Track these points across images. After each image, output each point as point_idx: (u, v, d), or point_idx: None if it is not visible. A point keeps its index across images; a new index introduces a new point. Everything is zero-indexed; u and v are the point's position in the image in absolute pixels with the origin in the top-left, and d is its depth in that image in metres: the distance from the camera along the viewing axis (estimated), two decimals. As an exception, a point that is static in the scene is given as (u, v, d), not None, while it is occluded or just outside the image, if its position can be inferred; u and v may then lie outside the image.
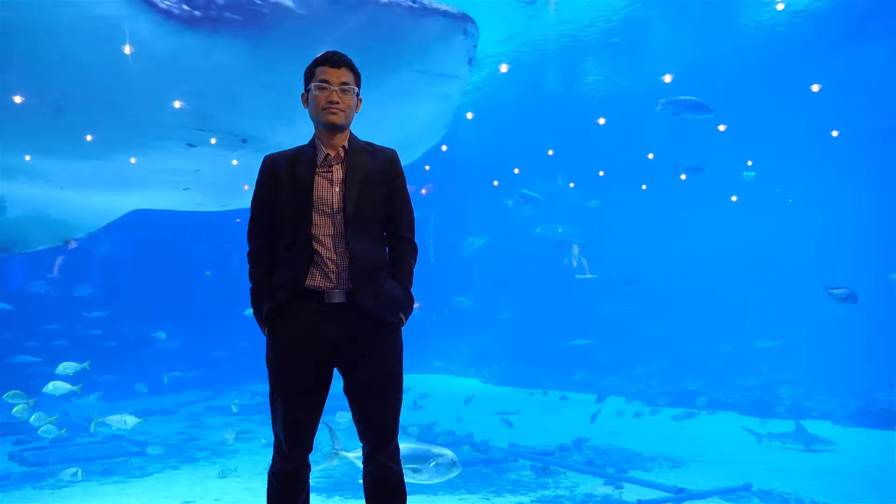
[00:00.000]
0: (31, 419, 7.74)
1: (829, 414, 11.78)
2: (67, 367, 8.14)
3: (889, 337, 14.98)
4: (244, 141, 5.73)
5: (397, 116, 6.47)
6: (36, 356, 11.73)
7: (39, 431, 7.90)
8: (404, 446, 5.10)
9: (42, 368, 10.59)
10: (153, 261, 17.63)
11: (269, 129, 5.74)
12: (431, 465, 4.95)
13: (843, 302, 8.69)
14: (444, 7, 5.93)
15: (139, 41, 4.88)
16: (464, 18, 6.02)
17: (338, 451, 5.31)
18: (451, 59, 6.20)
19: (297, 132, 5.49)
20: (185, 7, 4.91)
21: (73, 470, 7.31)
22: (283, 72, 5.34)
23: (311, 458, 3.00)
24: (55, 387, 8.01)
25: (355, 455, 5.20)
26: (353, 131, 2.98)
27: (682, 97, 10.31)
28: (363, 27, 5.47)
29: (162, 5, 4.84)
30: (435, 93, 6.55)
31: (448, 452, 5.03)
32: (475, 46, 6.28)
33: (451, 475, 5.01)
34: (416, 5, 5.74)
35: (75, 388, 8.05)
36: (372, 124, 5.60)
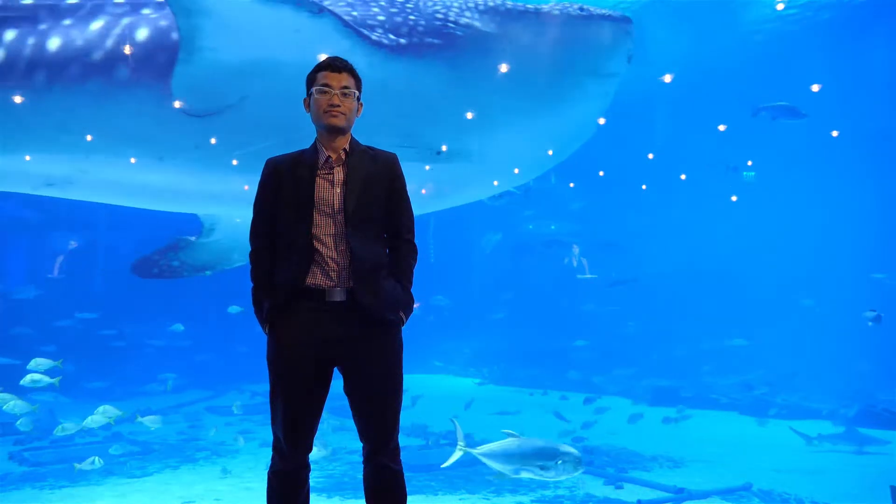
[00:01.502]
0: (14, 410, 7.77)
1: (830, 414, 11.78)
2: (40, 363, 8.08)
3: (890, 337, 14.99)
4: (438, 153, 6.22)
5: (568, 117, 6.90)
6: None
7: (17, 424, 7.96)
8: (532, 444, 5.19)
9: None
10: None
11: (460, 139, 6.21)
12: (559, 463, 5.02)
13: (875, 322, 9.23)
14: (606, 11, 6.49)
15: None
16: (624, 20, 6.58)
17: (463, 448, 5.40)
18: (615, 58, 6.67)
19: (490, 141, 6.35)
20: (392, 37, 5.49)
21: (91, 459, 7.37)
22: (475, 87, 5.91)
23: (311, 458, 3.01)
24: (32, 380, 7.95)
25: (479, 452, 5.39)
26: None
27: (778, 103, 10.51)
28: (540, 38, 6.00)
29: (373, 37, 5.41)
30: (599, 92, 6.96)
31: (573, 450, 5.13)
32: (632, 44, 6.84)
33: (577, 473, 5.09)
34: (584, 13, 6.31)
35: (54, 380, 7.98)
36: (543, 127, 6.38)
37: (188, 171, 6.16)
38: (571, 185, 19.09)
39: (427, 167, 6.30)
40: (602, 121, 7.52)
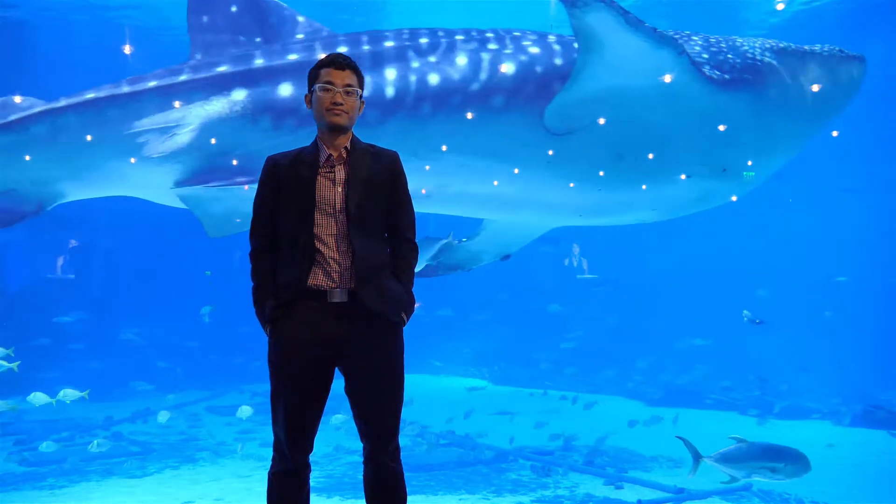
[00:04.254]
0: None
1: (830, 414, 11.78)
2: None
3: (890, 337, 15.01)
4: (724, 170, 7.08)
5: (806, 144, 7.68)
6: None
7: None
8: (759, 448, 5.30)
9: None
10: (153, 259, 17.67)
11: (745, 161, 7.17)
12: (786, 465, 5.09)
13: (753, 323, 9.98)
14: (856, 53, 7.30)
15: (686, 101, 6.46)
16: (863, 58, 7.37)
17: (700, 458, 5.48)
18: (856, 93, 7.46)
19: (761, 163, 7.23)
20: (717, 72, 6.40)
21: (97, 441, 7.43)
22: (767, 115, 6.79)
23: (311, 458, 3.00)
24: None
25: (712, 459, 5.69)
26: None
27: None
28: (812, 74, 6.90)
29: (706, 72, 6.27)
30: (832, 121, 7.79)
31: (800, 452, 5.21)
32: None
33: (805, 475, 5.16)
34: (844, 54, 7.14)
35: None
36: (792, 152, 7.38)
37: (537, 183, 7.00)
38: (571, 185, 19.05)
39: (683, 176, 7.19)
40: (602, 121, 7.82)
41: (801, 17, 13.69)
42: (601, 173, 6.95)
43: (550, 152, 6.71)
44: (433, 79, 6.52)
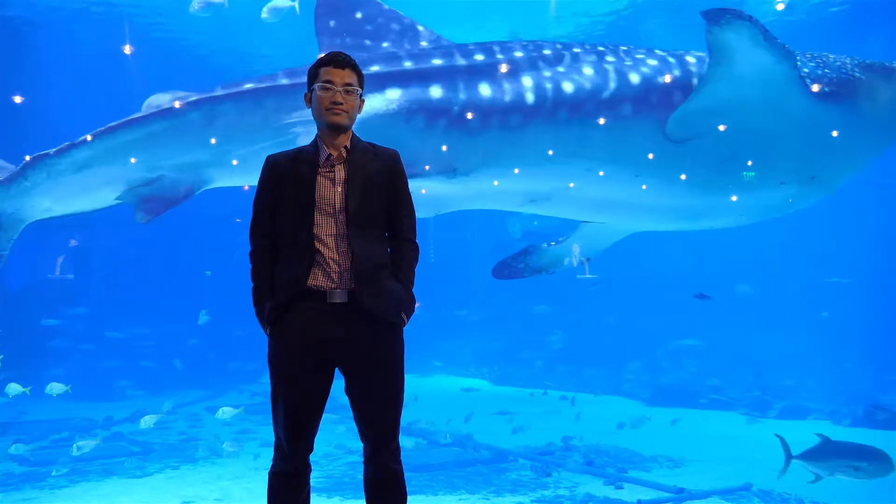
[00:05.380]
0: None
1: (830, 414, 11.78)
2: None
3: (890, 337, 15.01)
4: (812, 177, 7.48)
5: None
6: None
7: None
8: (842, 446, 5.33)
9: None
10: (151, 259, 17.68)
11: (832, 168, 7.56)
12: (869, 464, 5.11)
13: (698, 298, 10.57)
14: None
15: (791, 111, 6.87)
16: None
17: (791, 458, 5.51)
18: None
19: (849, 172, 7.66)
20: (817, 86, 6.83)
21: (76, 445, 7.51)
22: (855, 126, 7.15)
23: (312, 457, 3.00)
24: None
25: (799, 458, 5.80)
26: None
27: None
28: (891, 90, 7.21)
29: (809, 85, 6.73)
30: None
31: (882, 452, 5.21)
32: None
33: (888, 474, 5.17)
34: None
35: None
36: (868, 162, 7.75)
37: (651, 188, 7.40)
38: (571, 185, 19.05)
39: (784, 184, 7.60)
40: (602, 121, 8.02)
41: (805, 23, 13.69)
42: (709, 179, 7.37)
43: (671, 158, 7.17)
44: (567, 87, 6.95)
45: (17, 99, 6.85)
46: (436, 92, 6.93)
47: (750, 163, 7.24)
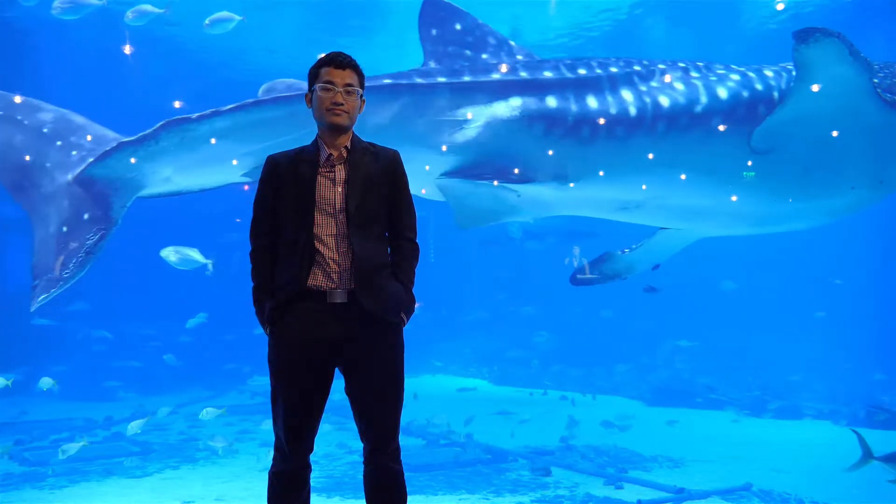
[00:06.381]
0: None
1: (830, 414, 11.78)
2: None
3: (890, 337, 15.02)
4: (881, 182, 7.83)
5: None
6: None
7: None
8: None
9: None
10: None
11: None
12: None
13: (648, 291, 10.87)
14: None
15: (865, 120, 7.21)
16: None
17: (869, 457, 5.53)
18: None
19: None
20: (888, 95, 7.10)
21: (62, 448, 7.51)
22: None
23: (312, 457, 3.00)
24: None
25: (880, 459, 5.88)
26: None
27: None
28: None
29: (882, 95, 6.98)
30: None
31: None
32: None
33: None
34: None
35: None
36: None
37: (737, 197, 7.77)
38: (572, 185, 19.06)
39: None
40: (602, 121, 8.11)
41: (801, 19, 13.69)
42: (789, 187, 7.72)
43: (750, 168, 7.59)
44: (664, 101, 7.38)
45: (17, 99, 6.83)
46: (552, 102, 7.31)
47: (828, 171, 7.56)
